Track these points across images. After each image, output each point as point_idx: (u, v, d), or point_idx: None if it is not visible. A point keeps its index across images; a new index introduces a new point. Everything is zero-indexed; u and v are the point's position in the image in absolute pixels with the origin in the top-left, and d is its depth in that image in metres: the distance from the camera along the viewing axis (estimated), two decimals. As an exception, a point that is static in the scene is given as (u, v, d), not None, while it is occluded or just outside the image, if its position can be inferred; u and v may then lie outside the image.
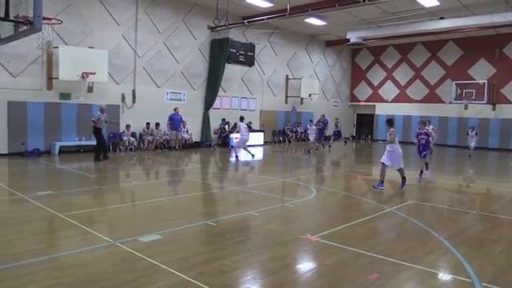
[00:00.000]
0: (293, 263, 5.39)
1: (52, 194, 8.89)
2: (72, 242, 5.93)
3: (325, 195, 9.86)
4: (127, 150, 17.61)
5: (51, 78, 15.67)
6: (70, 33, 15.74)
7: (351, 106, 31.73)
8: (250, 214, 7.61)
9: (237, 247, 5.80)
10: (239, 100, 23.28)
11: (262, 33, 23.17)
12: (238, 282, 4.64)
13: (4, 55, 14.47)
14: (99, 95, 16.98)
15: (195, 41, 20.56)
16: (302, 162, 17.43)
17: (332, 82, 29.91)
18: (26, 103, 15.26)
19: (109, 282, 4.44)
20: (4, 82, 14.69)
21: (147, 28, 18.52)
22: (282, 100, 26.10)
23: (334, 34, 25.63)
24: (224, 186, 10.71)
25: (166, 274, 4.67)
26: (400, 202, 9.51)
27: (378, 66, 29.95)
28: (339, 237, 6.28)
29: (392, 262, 5.27)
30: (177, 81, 20.05)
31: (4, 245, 5.57)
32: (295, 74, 26.29)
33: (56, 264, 5.03)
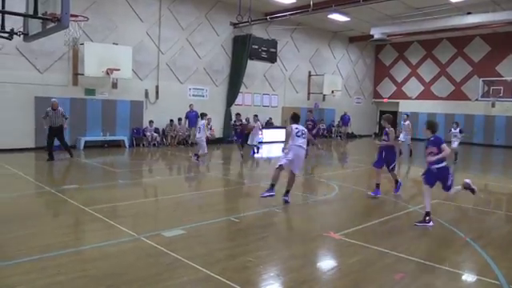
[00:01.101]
0: (315, 261, 5.36)
1: (77, 188, 9.07)
2: (97, 235, 6.03)
3: (347, 193, 9.76)
4: (150, 146, 17.81)
5: (77, 73, 15.97)
6: (95, 29, 15.99)
7: (374, 102, 31.32)
8: (273, 211, 7.60)
9: (259, 243, 5.80)
10: (261, 96, 23.26)
11: (285, 29, 23.05)
12: (261, 278, 4.64)
13: (32, 52, 14.81)
14: (123, 91, 17.21)
15: (218, 37, 20.61)
16: (323, 159, 17.31)
17: (355, 78, 29.58)
18: (53, 99, 15.56)
19: (133, 276, 4.50)
20: (31, 78, 15.04)
21: (170, 24, 18.66)
22: (305, 97, 25.95)
23: (358, 30, 25.32)
24: (245, 182, 10.72)
25: (189, 268, 4.70)
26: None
27: (402, 63, 29.45)
28: (362, 235, 6.21)
29: (416, 262, 5.18)
30: (199, 77, 20.15)
31: (31, 237, 5.71)
32: (318, 70, 26.09)
33: (82, 257, 5.13)
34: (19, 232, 5.87)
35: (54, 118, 13.05)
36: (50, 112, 13.04)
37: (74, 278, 4.39)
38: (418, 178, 12.76)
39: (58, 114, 13.09)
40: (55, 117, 13.05)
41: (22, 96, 14.86)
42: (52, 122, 13.10)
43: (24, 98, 14.92)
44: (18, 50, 14.58)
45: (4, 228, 6.03)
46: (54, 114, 13.03)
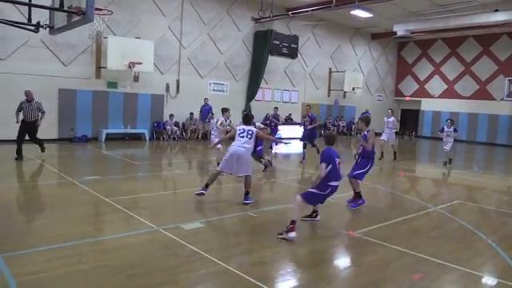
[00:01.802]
0: (333, 258, 5.34)
1: (98, 179, 9.22)
2: (117, 226, 6.13)
3: (366, 191, 9.63)
4: (170, 139, 17.97)
5: (100, 67, 16.20)
6: (118, 23, 16.17)
7: (396, 100, 30.88)
8: (291, 207, 7.57)
9: (277, 239, 5.80)
10: (281, 92, 23.20)
11: (306, 25, 22.92)
12: (278, 273, 4.65)
13: (56, 44, 15.08)
14: (144, 85, 17.40)
15: (239, 32, 20.62)
16: (343, 156, 17.18)
17: (376, 75, 29.22)
18: (76, 91, 15.88)
19: (152, 267, 4.56)
20: (56, 71, 15.32)
21: (192, 19, 18.74)
22: (325, 93, 25.78)
23: (380, 27, 24.97)
24: (263, 178, 10.72)
25: (207, 261, 4.74)
26: (445, 201, 9.20)
27: (426, 60, 28.93)
28: (381, 234, 6.15)
29: (436, 263, 5.11)
30: (220, 72, 20.21)
31: (54, 226, 5.84)
32: (339, 67, 25.86)
33: (102, 246, 5.22)
34: (42, 221, 6.01)
35: (27, 111, 11.32)
36: (24, 104, 11.38)
37: (96, 267, 4.47)
38: (438, 177, 12.61)
39: (32, 106, 11.37)
40: (29, 109, 11.32)
41: (46, 88, 15.14)
42: (25, 116, 11.37)
43: (48, 89, 15.20)
44: (43, 43, 14.86)
45: (27, 216, 6.18)
46: (29, 106, 11.34)
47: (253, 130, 7.64)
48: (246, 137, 7.52)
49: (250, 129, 7.65)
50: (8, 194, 7.54)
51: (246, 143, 7.50)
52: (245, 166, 7.50)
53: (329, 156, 5.94)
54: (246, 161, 7.53)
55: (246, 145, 7.50)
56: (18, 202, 7.04)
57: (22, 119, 11.37)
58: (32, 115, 11.35)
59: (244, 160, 7.48)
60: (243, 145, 7.48)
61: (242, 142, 7.49)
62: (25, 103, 11.36)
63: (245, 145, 7.49)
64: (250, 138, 7.54)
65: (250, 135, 7.55)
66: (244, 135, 7.54)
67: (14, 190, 7.94)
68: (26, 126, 11.41)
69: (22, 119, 11.37)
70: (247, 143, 7.51)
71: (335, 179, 5.97)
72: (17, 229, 5.61)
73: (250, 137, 7.54)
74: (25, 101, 11.39)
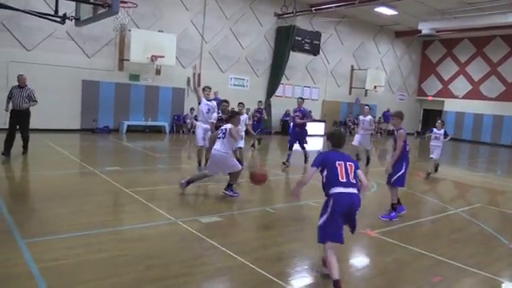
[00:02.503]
0: (351, 257, 5.30)
1: (119, 170, 9.35)
2: (136, 216, 6.22)
3: (385, 191, 9.54)
4: (190, 133, 18.09)
5: (123, 59, 16.40)
6: (142, 16, 16.32)
7: (418, 100, 30.41)
8: (309, 204, 7.56)
9: (294, 235, 5.80)
10: (302, 89, 23.09)
11: (329, 21, 22.72)
12: (295, 270, 4.64)
13: (81, 36, 15.33)
14: (166, 78, 17.55)
15: (261, 27, 20.58)
16: (363, 155, 17.01)
17: (399, 74, 28.81)
18: (99, 83, 16.12)
19: (170, 259, 4.61)
20: (80, 62, 15.58)
21: (215, 13, 18.78)
22: (346, 91, 25.56)
23: (405, 25, 24.57)
24: (282, 174, 10.70)
25: (224, 255, 4.76)
26: (467, 204, 9.04)
27: (450, 60, 28.37)
28: (400, 235, 6.08)
29: (456, 266, 5.02)
30: (241, 67, 20.23)
31: (75, 214, 5.95)
32: (361, 64, 25.59)
33: (122, 236, 5.29)
34: (64, 209, 6.13)
35: (18, 98, 9.91)
36: (15, 89, 10.01)
37: (115, 257, 4.54)
38: (459, 179, 12.36)
39: (23, 93, 9.98)
40: (20, 96, 9.92)
41: (70, 79, 15.43)
42: (15, 104, 9.91)
43: (72, 81, 15.48)
44: (69, 35, 15.12)
45: (50, 204, 6.31)
46: (19, 92, 9.95)
47: (226, 129, 7.32)
48: (221, 138, 7.32)
49: (224, 127, 7.39)
50: (30, 183, 7.72)
51: (221, 146, 7.26)
52: (228, 166, 7.39)
53: (323, 159, 4.38)
54: (227, 163, 7.33)
55: (221, 148, 7.24)
56: (40, 190, 7.19)
57: (12, 108, 10.01)
58: (21, 102, 9.90)
59: (224, 163, 7.32)
60: (219, 149, 7.26)
61: (218, 144, 7.31)
62: (16, 89, 9.99)
63: (220, 148, 7.25)
64: (223, 137, 7.29)
65: (224, 134, 7.30)
66: (220, 136, 7.35)
67: (37, 179, 8.11)
68: (16, 115, 10.00)
69: (12, 108, 10.01)
70: (222, 145, 7.26)
71: (338, 185, 4.20)
72: (39, 216, 5.74)
73: (223, 136, 7.30)
74: (16, 86, 10.05)
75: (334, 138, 4.56)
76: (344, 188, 4.19)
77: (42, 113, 14.75)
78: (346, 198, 4.18)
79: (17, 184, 7.69)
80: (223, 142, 7.27)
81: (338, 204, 4.15)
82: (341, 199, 4.16)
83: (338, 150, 4.50)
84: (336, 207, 4.14)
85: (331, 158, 4.38)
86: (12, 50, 14.22)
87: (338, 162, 4.32)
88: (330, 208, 4.17)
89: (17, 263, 4.15)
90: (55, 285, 3.76)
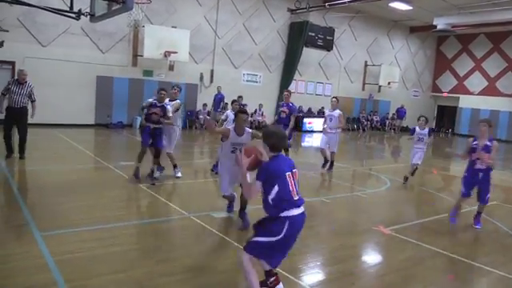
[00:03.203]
0: (363, 253, 5.28)
1: (133, 165, 9.39)
2: (149, 211, 6.28)
3: (399, 187, 9.50)
4: (202, 128, 18.15)
5: (136, 55, 16.51)
6: (155, 12, 16.38)
7: (432, 96, 30.04)
8: (321, 200, 7.55)
9: (307, 232, 5.72)
10: (314, 85, 22.99)
11: (343, 16, 22.54)
12: (307, 266, 4.64)
13: (95, 32, 15.46)
14: (179, 73, 17.61)
15: (274, 23, 20.51)
16: (376, 151, 16.92)
17: (414, 70, 28.48)
18: (113, 78, 16.26)
19: (182, 253, 4.64)
20: (94, 58, 15.72)
21: (228, 9, 18.77)
22: (359, 87, 25.37)
23: (420, 20, 24.25)
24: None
25: (236, 250, 4.77)
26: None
27: (466, 56, 27.94)
28: (413, 232, 6.03)
29: (470, 265, 4.97)
30: (254, 62, 20.21)
31: (90, 208, 6.02)
32: (375, 60, 25.36)
33: (135, 230, 5.36)
34: (79, 202, 6.21)
35: (16, 95, 8.82)
36: (14, 85, 8.87)
37: (128, 250, 4.60)
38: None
39: (23, 90, 8.93)
40: (19, 94, 8.85)
41: (85, 74, 15.58)
42: (13, 101, 8.84)
43: (86, 76, 15.64)
44: (83, 31, 15.25)
45: (65, 198, 6.40)
46: (19, 88, 8.87)
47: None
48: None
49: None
50: (46, 177, 7.82)
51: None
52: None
53: (271, 172, 3.43)
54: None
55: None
56: (55, 184, 7.29)
57: (8, 105, 8.92)
58: (21, 101, 8.90)
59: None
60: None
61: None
62: (14, 85, 8.88)
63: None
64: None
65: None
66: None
67: (52, 173, 8.22)
68: (13, 113, 8.91)
69: (8, 105, 8.92)
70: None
71: (293, 205, 3.48)
72: (54, 209, 5.82)
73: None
74: (14, 81, 8.98)
75: (277, 138, 3.53)
76: (298, 209, 3.52)
77: (57, 108, 15.00)
78: (300, 221, 3.54)
79: (33, 178, 7.81)
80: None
81: (295, 228, 3.49)
82: (297, 223, 3.50)
83: (279, 154, 3.55)
84: (292, 231, 3.47)
85: (280, 169, 3.45)
86: (28, 45, 14.39)
87: (287, 174, 3.46)
88: (284, 231, 3.41)
89: (34, 255, 4.22)
90: (70, 277, 3.81)
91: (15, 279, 3.74)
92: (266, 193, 3.48)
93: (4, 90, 8.91)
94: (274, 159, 3.50)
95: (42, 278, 3.79)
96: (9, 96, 8.86)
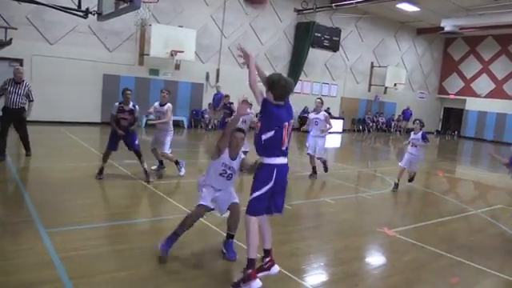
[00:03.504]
0: (367, 255, 5.27)
1: (138, 163, 9.41)
2: (154, 209, 6.31)
3: (403, 189, 9.46)
4: (208, 128, 18.18)
5: (143, 54, 16.56)
6: (162, 11, 16.42)
7: (438, 98, 29.90)
8: (325, 201, 7.54)
9: (310, 232, 5.79)
10: (320, 85, 22.96)
11: (350, 17, 22.50)
12: (311, 266, 4.64)
13: (103, 31, 15.52)
14: (185, 73, 17.65)
15: (281, 23, 20.51)
16: (381, 153, 16.87)
17: (420, 72, 28.37)
18: (119, 77, 16.31)
19: (187, 251, 4.66)
20: (101, 57, 15.79)
21: (234, 9, 18.77)
22: (365, 88, 25.30)
23: (427, 22, 24.17)
24: (298, 170, 10.67)
25: (240, 250, 4.76)
26: (487, 205, 8.88)
27: (473, 58, 27.78)
28: (418, 234, 6.01)
29: (475, 268, 4.95)
30: (260, 63, 19.71)
31: (94, 206, 6.06)
32: (381, 61, 25.29)
33: (140, 229, 5.38)
34: (84, 200, 6.24)
35: (13, 95, 8.32)
36: (10, 85, 8.33)
37: (132, 249, 4.61)
38: (479, 179, 12.15)
39: (21, 89, 8.41)
40: (16, 93, 8.35)
41: (92, 73, 15.66)
42: (10, 101, 8.34)
43: (93, 74, 15.72)
44: (90, 29, 15.32)
45: (71, 195, 6.43)
46: (16, 88, 8.36)
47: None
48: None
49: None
50: (52, 174, 7.86)
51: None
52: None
53: (274, 118, 3.75)
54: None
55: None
56: (60, 181, 7.33)
57: (4, 106, 8.46)
58: (18, 101, 8.39)
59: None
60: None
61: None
62: (11, 84, 8.34)
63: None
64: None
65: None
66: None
67: (58, 170, 8.27)
68: (10, 115, 8.45)
69: (4, 106, 8.46)
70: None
71: (280, 154, 3.78)
72: (60, 207, 5.85)
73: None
74: (11, 81, 8.37)
75: (281, 87, 3.67)
76: (284, 158, 3.74)
77: (63, 106, 15.09)
78: (285, 171, 3.77)
79: (38, 175, 7.85)
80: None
81: (281, 176, 3.73)
82: (282, 171, 3.74)
83: (282, 104, 3.68)
84: (280, 178, 3.71)
85: (282, 119, 3.65)
86: (36, 43, 14.48)
87: (285, 124, 3.64)
88: (274, 177, 3.64)
89: (38, 252, 4.25)
90: (75, 274, 3.83)
91: (20, 275, 3.77)
92: (261, 130, 3.65)
93: (0, 89, 8.35)
94: (279, 107, 3.70)
95: (46, 274, 3.81)
96: (5, 96, 8.34)
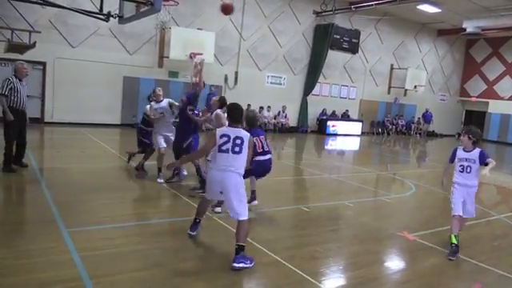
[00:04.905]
0: (387, 259, 5.20)
1: (153, 164, 9.53)
2: (173, 210, 6.36)
3: (424, 193, 9.33)
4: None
5: (162, 56, 16.73)
6: (181, 14, 16.56)
7: (460, 101, 29.35)
8: (344, 204, 7.48)
9: (329, 235, 5.75)
10: (339, 88, 22.82)
11: (369, 19, 22.31)
12: (330, 269, 4.60)
13: (123, 34, 15.75)
14: (204, 75, 17.64)
15: (299, 25, 20.46)
16: (401, 156, 16.66)
17: (441, 74, 27.90)
18: (139, 79, 16.51)
19: (206, 252, 4.69)
20: (122, 59, 16.01)
21: (253, 12, 18.82)
22: (385, 90, 25.02)
23: (448, 23, 23.77)
24: (317, 173, 10.63)
25: (258, 252, 4.78)
26: (510, 210, 8.67)
27: (496, 60, 27.16)
28: (439, 239, 5.89)
29: (498, 274, 4.83)
30: (278, 65, 20.20)
31: (115, 206, 6.14)
32: (401, 63, 24.98)
33: (159, 229, 5.42)
34: (105, 200, 6.33)
35: (20, 95, 7.48)
36: (16, 83, 7.41)
37: (153, 249, 4.65)
38: (503, 183, 11.89)
39: (24, 88, 7.65)
40: (22, 92, 7.55)
41: (112, 75, 15.90)
42: (17, 102, 7.44)
43: (113, 77, 15.95)
44: (111, 32, 15.56)
45: (92, 195, 6.53)
46: (22, 87, 7.55)
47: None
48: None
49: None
50: (74, 174, 8.00)
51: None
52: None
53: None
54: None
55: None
56: (81, 182, 7.45)
57: (11, 105, 7.37)
58: (24, 101, 7.58)
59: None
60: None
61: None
62: (16, 82, 7.43)
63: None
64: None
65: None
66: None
67: (79, 171, 8.41)
68: (20, 118, 7.53)
69: (11, 105, 7.37)
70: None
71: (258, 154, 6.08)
72: (81, 207, 5.95)
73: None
74: (15, 79, 7.45)
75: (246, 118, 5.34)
76: (264, 156, 6.22)
77: (85, 107, 15.36)
78: (267, 163, 6.28)
79: (61, 175, 7.98)
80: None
81: (261, 166, 6.19)
82: (263, 164, 6.20)
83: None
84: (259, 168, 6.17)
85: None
86: (58, 46, 14.78)
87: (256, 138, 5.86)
88: (253, 166, 5.75)
89: (60, 251, 4.33)
90: (95, 273, 3.89)
91: (41, 274, 3.83)
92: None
93: (5, 90, 7.31)
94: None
95: (67, 273, 3.87)
96: (13, 94, 7.38)
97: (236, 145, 4.44)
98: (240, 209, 4.44)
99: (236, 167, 4.45)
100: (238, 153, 4.44)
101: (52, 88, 14.97)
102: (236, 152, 4.43)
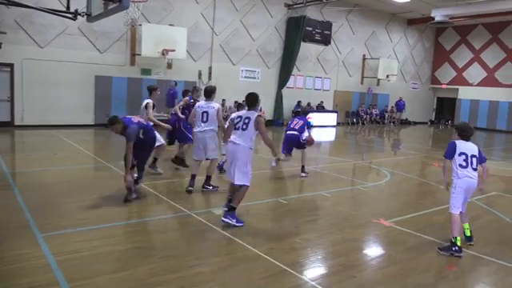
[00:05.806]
0: (364, 246, 5.30)
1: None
2: (151, 209, 6.30)
3: (399, 180, 9.52)
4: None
5: (134, 54, 16.50)
6: (152, 11, 16.35)
7: (431, 88, 29.99)
8: (321, 195, 7.57)
9: (307, 226, 5.81)
10: (313, 79, 22.98)
11: (340, 11, 22.50)
12: (309, 260, 4.66)
13: (93, 32, 15.44)
14: (177, 71, 17.60)
15: (271, 19, 20.48)
16: (375, 145, 16.93)
17: (412, 62, 28.43)
18: (111, 78, 16.25)
19: (184, 250, 4.67)
20: (92, 58, 15.71)
21: (225, 6, 18.73)
22: (358, 80, 25.34)
23: (418, 12, 24.18)
24: (294, 165, 10.70)
25: (238, 246, 4.80)
26: (481, 192, 8.92)
27: (464, 47, 27.85)
28: (414, 224, 6.05)
29: (471, 255, 4.99)
30: (252, 59, 20.18)
31: (91, 208, 6.04)
32: (373, 53, 25.32)
33: (137, 229, 5.38)
34: (80, 202, 6.22)
35: None
36: None
37: (130, 249, 4.62)
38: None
39: None
40: None
41: (83, 75, 15.58)
42: None
43: (85, 76, 15.64)
44: (81, 31, 15.24)
45: (66, 198, 6.42)
46: None
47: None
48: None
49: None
50: (46, 178, 7.84)
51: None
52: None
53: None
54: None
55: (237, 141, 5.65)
56: (55, 185, 7.31)
57: None
58: None
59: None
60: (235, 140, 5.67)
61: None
62: None
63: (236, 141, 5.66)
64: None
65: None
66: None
67: (52, 173, 8.24)
68: None
69: None
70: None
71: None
72: (55, 210, 5.84)
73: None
74: None
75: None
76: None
77: (56, 109, 15.03)
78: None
79: (33, 178, 7.81)
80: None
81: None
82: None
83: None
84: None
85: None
86: (26, 47, 14.38)
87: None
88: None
89: (36, 256, 4.24)
90: (73, 277, 3.83)
91: (18, 280, 3.76)
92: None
93: None
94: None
95: (44, 278, 3.81)
96: None
97: (245, 123, 5.54)
98: (239, 176, 5.50)
99: (244, 140, 5.51)
100: (245, 130, 5.53)
101: (21, 90, 14.56)
102: (244, 129, 5.54)
